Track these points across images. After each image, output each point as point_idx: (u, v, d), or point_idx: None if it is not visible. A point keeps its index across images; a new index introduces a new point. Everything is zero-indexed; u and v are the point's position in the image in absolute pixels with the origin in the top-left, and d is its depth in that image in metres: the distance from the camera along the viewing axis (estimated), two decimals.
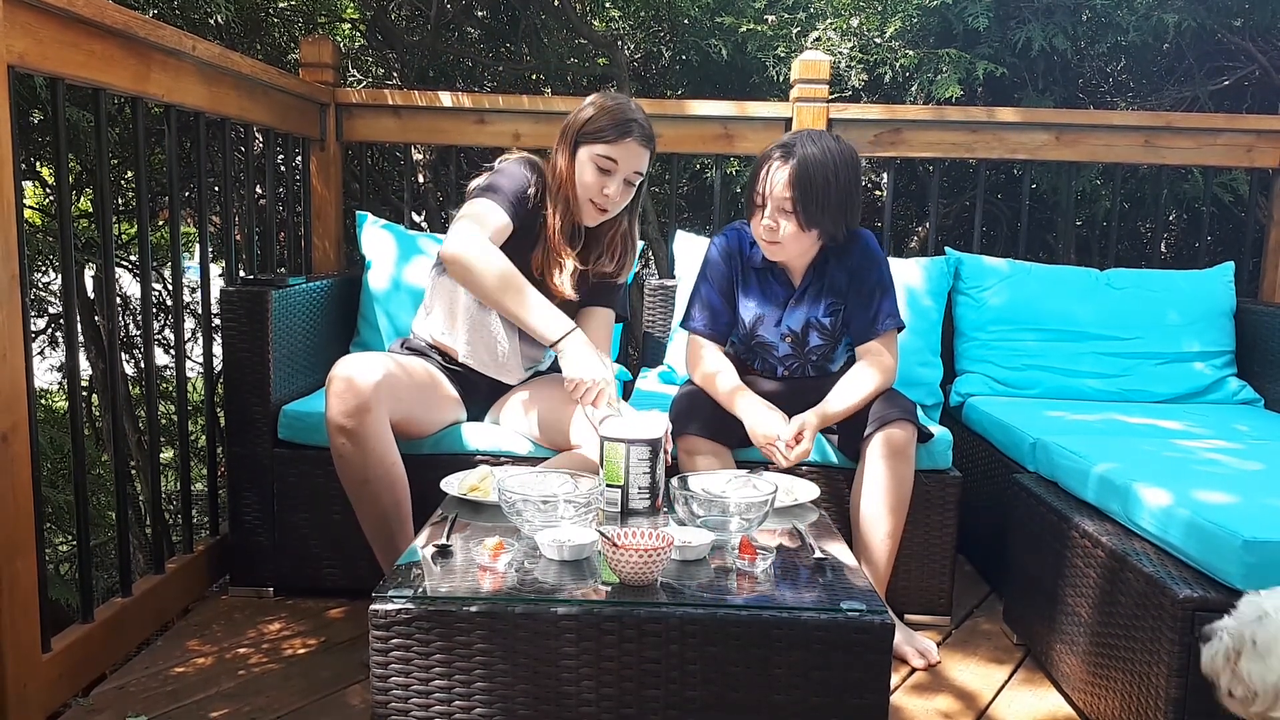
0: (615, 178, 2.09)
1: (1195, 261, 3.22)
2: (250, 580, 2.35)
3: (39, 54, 1.64)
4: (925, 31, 3.61)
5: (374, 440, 1.95)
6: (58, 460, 3.08)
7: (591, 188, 2.09)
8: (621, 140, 2.06)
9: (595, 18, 4.08)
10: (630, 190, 2.14)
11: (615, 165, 2.08)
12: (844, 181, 2.06)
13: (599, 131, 2.07)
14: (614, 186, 2.09)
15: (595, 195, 2.10)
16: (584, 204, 2.12)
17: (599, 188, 2.09)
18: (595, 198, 2.10)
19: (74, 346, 1.89)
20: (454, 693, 1.38)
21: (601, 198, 2.10)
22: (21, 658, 1.66)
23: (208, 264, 2.43)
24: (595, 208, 2.12)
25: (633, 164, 2.09)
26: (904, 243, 4.16)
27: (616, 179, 2.09)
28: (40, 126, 2.95)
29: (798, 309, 2.22)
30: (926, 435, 2.19)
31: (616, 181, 2.09)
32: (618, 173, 2.09)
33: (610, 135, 2.06)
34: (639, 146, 2.08)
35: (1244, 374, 2.82)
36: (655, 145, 2.15)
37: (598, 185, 2.09)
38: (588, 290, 2.24)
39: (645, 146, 2.10)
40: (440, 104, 3.03)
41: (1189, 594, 1.59)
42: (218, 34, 3.33)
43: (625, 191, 2.13)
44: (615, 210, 2.16)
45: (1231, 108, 3.68)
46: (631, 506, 1.74)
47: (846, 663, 1.37)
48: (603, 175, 2.08)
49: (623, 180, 2.10)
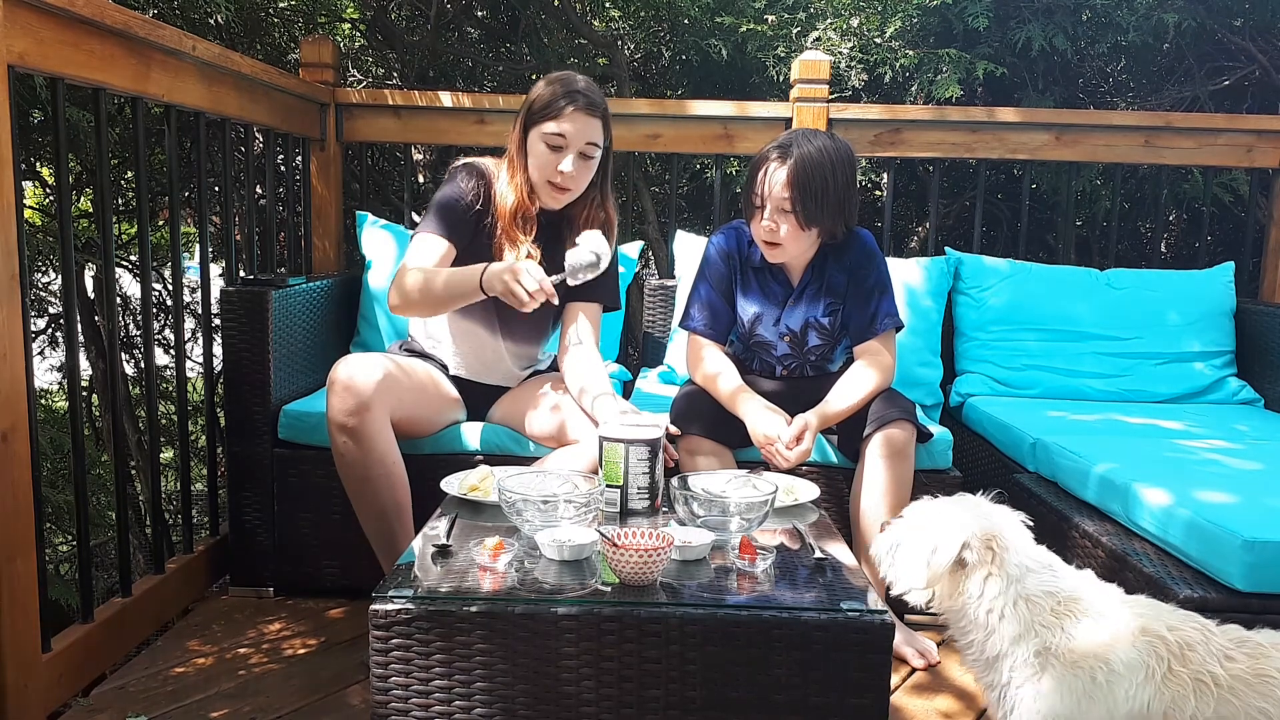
0: (568, 153, 2.04)
1: (1195, 261, 3.22)
2: (250, 580, 2.35)
3: (39, 54, 1.64)
4: (925, 31, 3.61)
5: (374, 439, 1.95)
6: (58, 460, 3.07)
7: (546, 168, 2.05)
8: (566, 113, 2.01)
9: (595, 18, 4.08)
10: (589, 166, 2.09)
11: (565, 140, 2.03)
12: (841, 179, 2.06)
13: (544, 109, 2.03)
14: (569, 163, 2.04)
15: (551, 175, 2.05)
16: (543, 187, 2.08)
17: (553, 165, 2.04)
18: (552, 177, 2.05)
19: (74, 346, 1.89)
20: (454, 693, 1.38)
21: (559, 176, 2.05)
22: (21, 658, 1.66)
23: (208, 264, 2.43)
24: (555, 188, 2.07)
25: (583, 135, 2.04)
26: (904, 243, 4.16)
27: (569, 154, 2.04)
28: (40, 126, 2.95)
29: (796, 308, 2.22)
30: (926, 435, 2.19)
31: (570, 157, 2.04)
32: (569, 148, 2.03)
33: (554, 110, 2.02)
34: (585, 116, 2.03)
35: (1244, 374, 2.82)
36: (607, 114, 2.08)
37: (552, 164, 2.04)
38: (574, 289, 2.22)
39: (592, 115, 2.04)
40: (440, 104, 3.03)
41: (1189, 594, 1.59)
42: (218, 34, 3.33)
43: (583, 167, 2.07)
44: (577, 188, 2.10)
45: (1231, 108, 3.68)
46: (631, 506, 1.74)
47: (846, 663, 1.37)
48: (555, 153, 2.04)
49: (577, 155, 2.04)
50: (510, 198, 2.10)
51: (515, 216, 2.10)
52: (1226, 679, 1.18)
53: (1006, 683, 1.33)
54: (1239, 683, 1.18)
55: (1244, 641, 1.22)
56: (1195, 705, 1.18)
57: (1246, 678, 1.18)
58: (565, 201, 2.12)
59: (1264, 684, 1.17)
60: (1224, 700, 1.17)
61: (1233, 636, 1.24)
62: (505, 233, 2.11)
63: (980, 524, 1.37)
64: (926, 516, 1.41)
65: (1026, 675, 1.30)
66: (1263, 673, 1.18)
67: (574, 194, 2.11)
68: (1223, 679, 1.18)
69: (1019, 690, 1.31)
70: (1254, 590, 1.56)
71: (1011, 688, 1.32)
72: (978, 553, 1.35)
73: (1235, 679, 1.18)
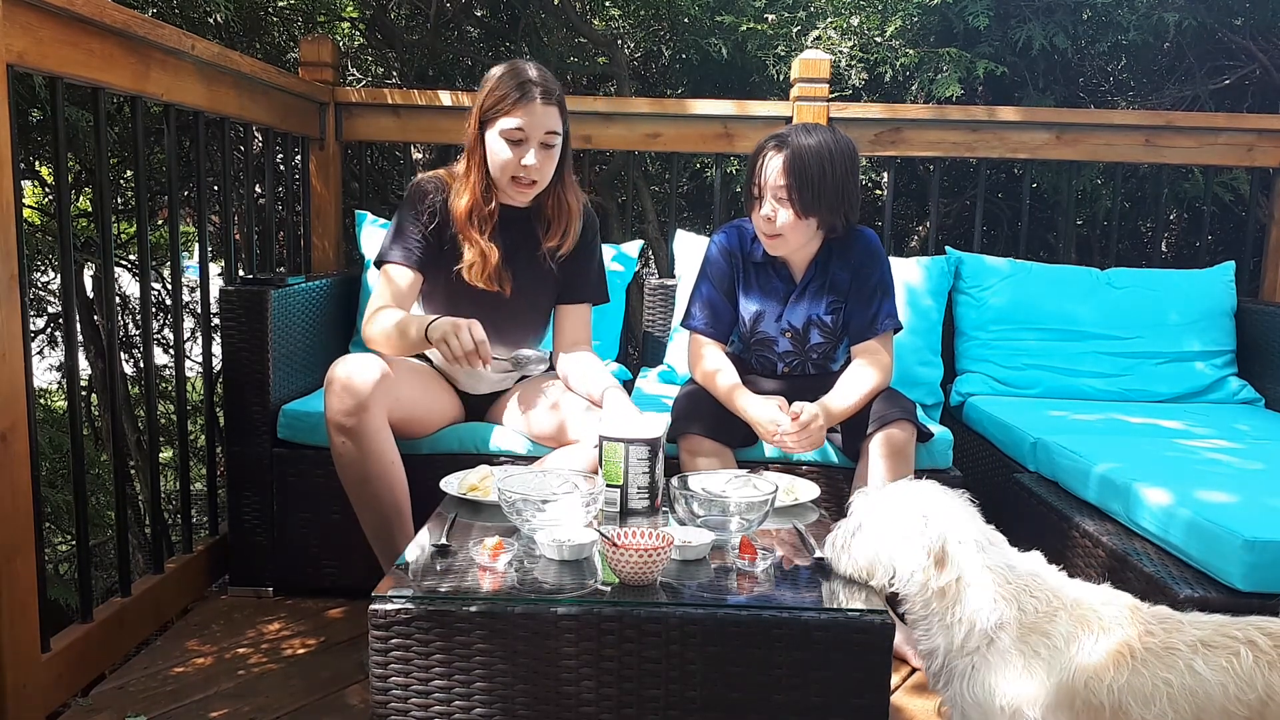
0: (528, 146, 2.01)
1: (1196, 261, 3.22)
2: (250, 580, 2.35)
3: (38, 53, 1.64)
4: (925, 30, 3.61)
5: (373, 439, 1.95)
6: (57, 460, 3.07)
7: (509, 164, 2.02)
8: (521, 104, 1.98)
9: (595, 16, 4.08)
10: (551, 155, 2.05)
11: (524, 133, 2.00)
12: (839, 169, 2.06)
13: (498, 104, 2.00)
14: (530, 155, 2.01)
15: (515, 170, 2.02)
16: (507, 185, 2.05)
17: (516, 160, 2.01)
18: (516, 172, 2.02)
19: (73, 346, 1.88)
20: (454, 693, 1.38)
21: (522, 170, 2.02)
22: (21, 658, 1.65)
23: (207, 263, 2.43)
24: (520, 184, 2.05)
25: (542, 126, 2.00)
26: (904, 242, 4.16)
27: (530, 147, 2.01)
28: (39, 126, 2.94)
29: (799, 304, 2.22)
30: (926, 435, 2.19)
31: (531, 149, 2.01)
32: (529, 140, 2.00)
33: (508, 105, 1.99)
34: (542, 105, 1.99)
35: (1244, 373, 2.82)
36: (562, 100, 2.04)
37: (515, 159, 2.01)
38: (559, 287, 2.22)
39: (549, 103, 2.00)
40: (440, 103, 3.03)
41: (1190, 594, 1.59)
42: (217, 33, 3.33)
43: (546, 157, 2.03)
44: (544, 180, 2.07)
45: (1232, 107, 3.68)
46: (630, 506, 1.74)
47: (846, 662, 1.37)
48: (516, 147, 2.01)
49: (538, 146, 2.01)
50: (464, 199, 2.07)
51: (470, 216, 2.07)
52: (1141, 651, 1.25)
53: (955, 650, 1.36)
54: (1150, 655, 1.24)
55: (1166, 619, 1.29)
56: (1112, 675, 1.25)
57: (1157, 650, 1.25)
58: (532, 194, 2.10)
59: (1170, 655, 1.24)
60: (1136, 671, 1.24)
61: (1159, 614, 1.31)
62: (461, 233, 2.09)
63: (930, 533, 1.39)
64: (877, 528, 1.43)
65: (975, 643, 1.35)
66: (1171, 646, 1.24)
67: (540, 186, 2.08)
68: (1138, 652, 1.25)
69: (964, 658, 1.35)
70: (1254, 590, 1.56)
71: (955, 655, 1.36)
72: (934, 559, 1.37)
73: (1148, 651, 1.25)
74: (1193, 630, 1.25)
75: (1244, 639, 1.22)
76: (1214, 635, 1.24)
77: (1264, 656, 1.20)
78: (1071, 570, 1.90)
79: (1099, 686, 1.25)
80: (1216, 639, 1.23)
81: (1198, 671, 1.21)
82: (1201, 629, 1.25)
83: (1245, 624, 1.24)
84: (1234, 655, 1.20)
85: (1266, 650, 1.20)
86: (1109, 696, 1.24)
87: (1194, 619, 1.28)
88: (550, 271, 2.18)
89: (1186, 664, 1.22)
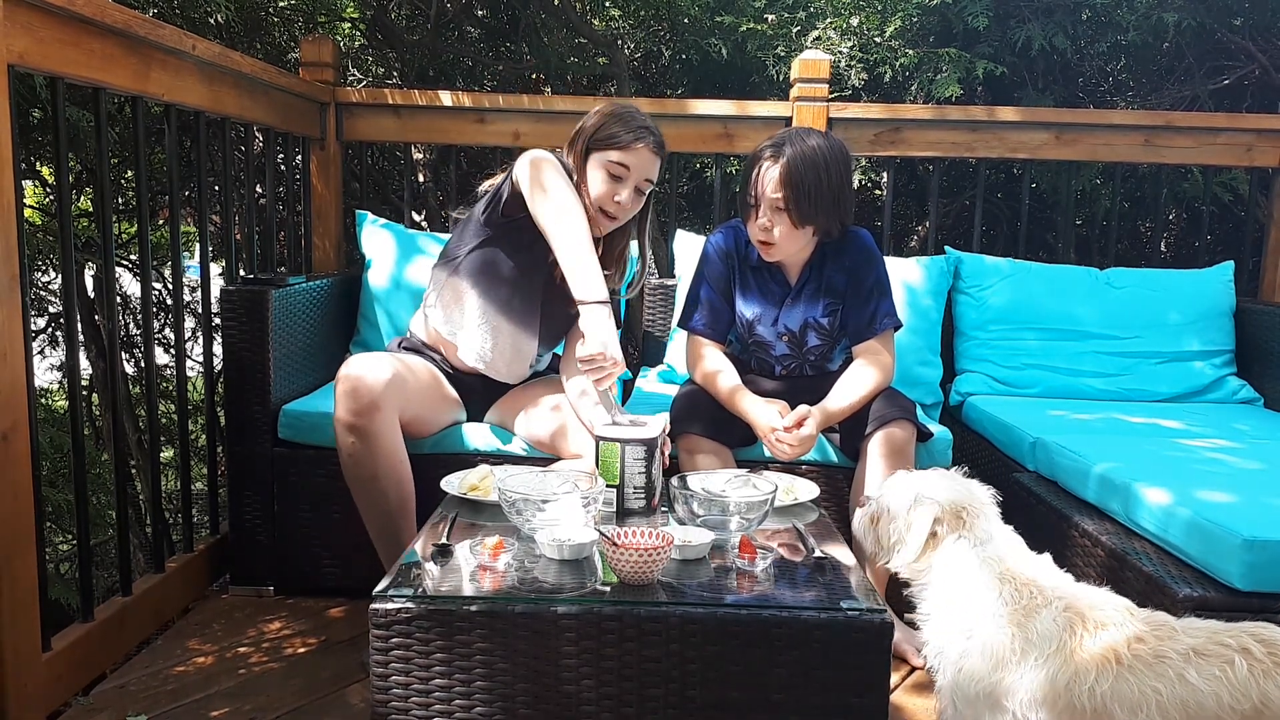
0: (626, 184, 2.06)
1: (1195, 261, 3.22)
2: (250, 579, 2.35)
3: (39, 53, 1.64)
4: (925, 31, 3.61)
5: (384, 439, 1.95)
6: (58, 460, 3.07)
7: (603, 196, 2.06)
8: (634, 146, 2.04)
9: (595, 17, 4.08)
10: (639, 200, 2.12)
11: (627, 171, 2.05)
12: (835, 177, 2.06)
13: (611, 138, 2.05)
14: (625, 193, 2.07)
15: (607, 203, 2.07)
16: (595, 212, 2.09)
17: (610, 195, 2.06)
18: (607, 205, 2.07)
19: (74, 346, 1.89)
20: (454, 692, 1.38)
21: (613, 205, 2.07)
22: (21, 657, 1.66)
23: (208, 263, 2.43)
24: (606, 216, 2.09)
25: (644, 171, 2.07)
26: (904, 242, 4.16)
27: (628, 186, 2.06)
28: (40, 126, 2.95)
29: (794, 308, 2.22)
30: (926, 434, 2.19)
31: (628, 189, 2.07)
32: (629, 179, 2.06)
33: (622, 141, 2.04)
34: (650, 153, 2.06)
35: (1244, 373, 2.82)
36: (666, 155, 2.13)
37: (609, 193, 2.06)
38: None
39: (657, 154, 2.08)
40: (440, 103, 3.03)
41: (1189, 593, 1.59)
42: (218, 33, 3.33)
43: (635, 201, 2.10)
44: (624, 219, 2.13)
45: (1231, 107, 3.68)
46: (627, 506, 1.74)
47: (846, 662, 1.37)
48: (614, 182, 2.06)
49: (634, 188, 2.08)
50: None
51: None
52: (1129, 658, 1.24)
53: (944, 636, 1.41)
54: (1139, 662, 1.24)
55: (1160, 625, 1.28)
56: (1094, 679, 1.24)
57: (1147, 658, 1.24)
58: (608, 229, 2.14)
59: (1160, 664, 1.23)
60: (1122, 677, 1.23)
61: (1153, 621, 1.30)
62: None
63: (950, 496, 1.48)
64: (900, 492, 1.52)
65: (960, 630, 1.38)
66: (1162, 654, 1.23)
67: (619, 224, 2.13)
68: (1125, 658, 1.24)
69: (952, 645, 1.38)
70: (1254, 589, 1.56)
71: (943, 639, 1.40)
72: (948, 524, 1.45)
73: (1136, 658, 1.24)
74: (1186, 638, 1.24)
75: (1238, 647, 1.21)
76: (1207, 643, 1.23)
77: (1258, 665, 1.19)
78: (1071, 570, 1.91)
79: (1080, 689, 1.25)
80: (1210, 647, 1.22)
81: (1189, 680, 1.20)
82: (1195, 636, 1.24)
83: (1239, 631, 1.23)
84: (1228, 664, 1.19)
85: (1261, 658, 1.19)
86: (1090, 700, 1.24)
87: (1189, 625, 1.28)
88: None
89: (1178, 672, 1.21)
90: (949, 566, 1.44)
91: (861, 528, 1.57)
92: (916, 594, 1.50)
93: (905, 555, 1.47)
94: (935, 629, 1.43)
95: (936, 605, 1.44)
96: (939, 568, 1.45)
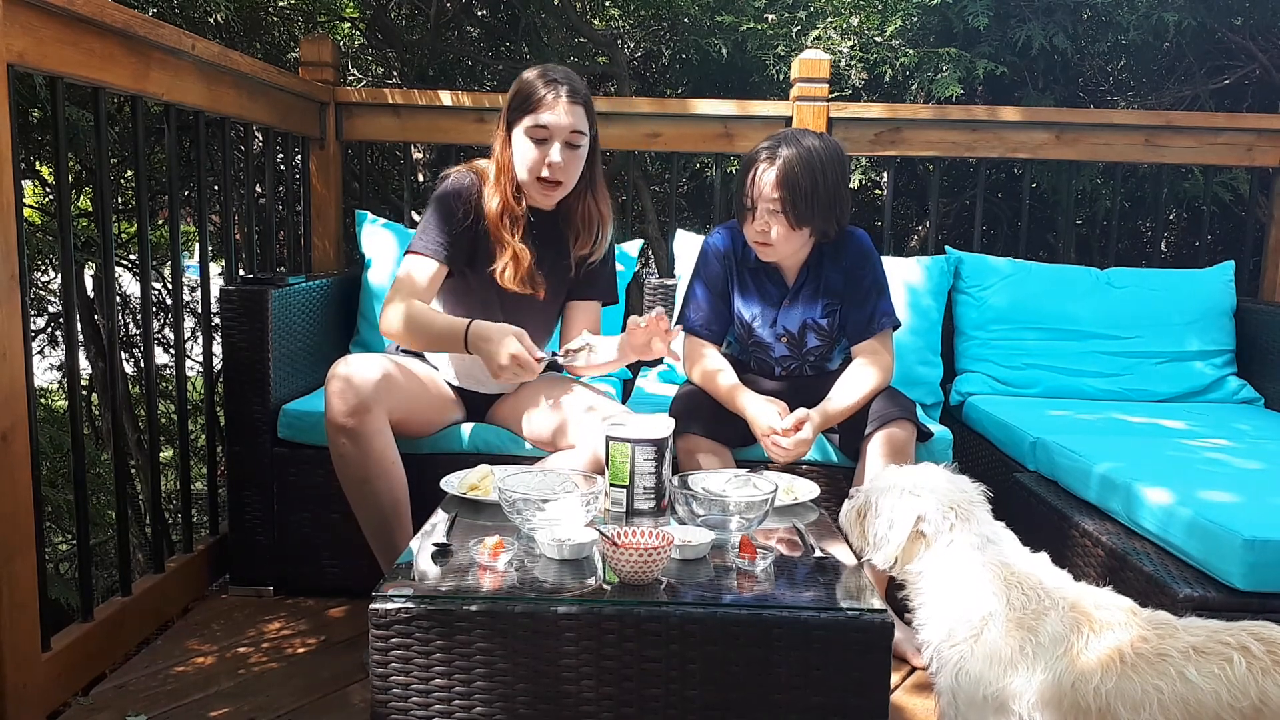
0: (553, 144, 2.00)
1: (1195, 260, 3.22)
2: (250, 579, 2.35)
3: (39, 53, 1.64)
4: (925, 30, 3.61)
5: (374, 439, 1.95)
6: (58, 459, 3.07)
7: (534, 163, 2.01)
8: (546, 102, 1.98)
9: (595, 16, 4.08)
10: (576, 156, 2.05)
11: (548, 131, 1.99)
12: (831, 178, 2.06)
13: (524, 102, 2.01)
14: (556, 152, 2.00)
15: (539, 169, 2.01)
16: (532, 185, 2.05)
17: (541, 159, 2.01)
18: (540, 172, 2.02)
19: (74, 346, 1.88)
20: (454, 692, 1.38)
21: (545, 169, 2.01)
22: (21, 657, 1.66)
23: (207, 263, 2.43)
24: (544, 184, 2.04)
25: (567, 124, 1.99)
26: (904, 242, 4.16)
27: (554, 145, 2.00)
28: (40, 125, 2.94)
29: (792, 309, 2.22)
30: (926, 434, 2.19)
31: (555, 148, 2.00)
32: (554, 138, 2.00)
33: (534, 103, 1.99)
34: (568, 103, 1.99)
35: (1244, 373, 2.82)
36: (589, 102, 2.04)
37: (540, 157, 2.01)
38: (573, 284, 2.22)
39: (575, 102, 2.00)
40: (440, 103, 3.03)
41: (1189, 593, 1.59)
42: (217, 33, 3.33)
43: (571, 157, 2.03)
44: (568, 181, 2.07)
45: (1232, 106, 3.68)
46: (637, 507, 1.74)
47: (846, 662, 1.37)
48: (540, 146, 2.00)
49: (563, 145, 2.01)
50: (495, 200, 2.07)
51: (502, 218, 2.07)
52: (1132, 657, 1.25)
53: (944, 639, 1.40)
54: (1142, 661, 1.24)
55: (1161, 624, 1.29)
56: (1099, 679, 1.25)
57: (1149, 657, 1.24)
58: (557, 198, 2.10)
59: (1162, 662, 1.23)
60: (1125, 676, 1.24)
61: (1156, 619, 1.31)
62: (493, 234, 2.08)
63: (940, 492, 1.47)
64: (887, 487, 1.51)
65: (963, 635, 1.37)
66: (1164, 652, 1.24)
67: (565, 188, 2.08)
68: (1129, 657, 1.25)
69: (953, 649, 1.38)
70: (1254, 589, 1.56)
71: (946, 645, 1.39)
72: (935, 524, 1.44)
73: (1139, 657, 1.25)
74: (1187, 636, 1.25)
75: (1237, 645, 1.21)
76: (1207, 641, 1.23)
77: (1257, 663, 1.20)
78: (1071, 570, 1.91)
79: (1085, 689, 1.25)
80: (1210, 645, 1.23)
81: (1190, 678, 1.21)
82: (1195, 635, 1.25)
83: (1239, 629, 1.24)
84: (1227, 662, 1.20)
85: (1260, 656, 1.20)
86: (1095, 699, 1.24)
87: (1189, 624, 1.28)
88: (571, 273, 2.19)
89: (1178, 670, 1.22)
90: (949, 567, 1.42)
91: (847, 521, 1.56)
92: (910, 594, 1.49)
93: (889, 551, 1.46)
94: (936, 630, 1.43)
95: (936, 606, 1.43)
96: (938, 568, 1.44)
